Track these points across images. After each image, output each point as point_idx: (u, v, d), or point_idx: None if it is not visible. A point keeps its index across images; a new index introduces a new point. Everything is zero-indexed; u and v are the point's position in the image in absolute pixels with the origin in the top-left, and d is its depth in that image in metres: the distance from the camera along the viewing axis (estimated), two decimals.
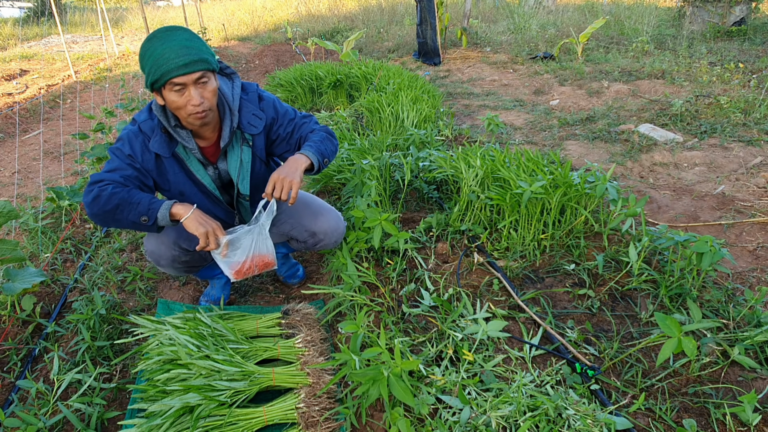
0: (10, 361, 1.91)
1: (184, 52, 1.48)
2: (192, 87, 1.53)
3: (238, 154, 1.79)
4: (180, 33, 1.51)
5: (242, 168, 1.81)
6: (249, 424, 1.52)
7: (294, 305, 2.04)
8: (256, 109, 1.79)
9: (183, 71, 1.48)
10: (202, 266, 2.11)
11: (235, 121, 1.72)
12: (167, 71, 1.48)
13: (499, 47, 8.66)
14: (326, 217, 2.00)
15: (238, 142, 1.78)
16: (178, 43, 1.48)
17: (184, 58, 1.48)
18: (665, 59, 6.56)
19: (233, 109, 1.71)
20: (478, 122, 4.78)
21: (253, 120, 1.78)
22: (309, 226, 1.99)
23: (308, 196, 2.11)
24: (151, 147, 1.67)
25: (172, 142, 1.69)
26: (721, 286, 2.05)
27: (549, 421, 1.41)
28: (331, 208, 2.06)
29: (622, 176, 3.44)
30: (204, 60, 1.52)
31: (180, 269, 2.00)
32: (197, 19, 13.03)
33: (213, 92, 1.59)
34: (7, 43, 12.17)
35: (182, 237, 1.88)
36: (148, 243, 1.92)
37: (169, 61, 1.47)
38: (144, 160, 1.68)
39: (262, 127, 1.79)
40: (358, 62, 5.83)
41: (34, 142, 5.14)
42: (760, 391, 1.51)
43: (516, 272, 2.18)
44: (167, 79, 1.49)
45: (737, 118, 4.21)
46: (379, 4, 13.67)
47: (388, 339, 1.74)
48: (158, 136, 1.67)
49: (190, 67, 1.49)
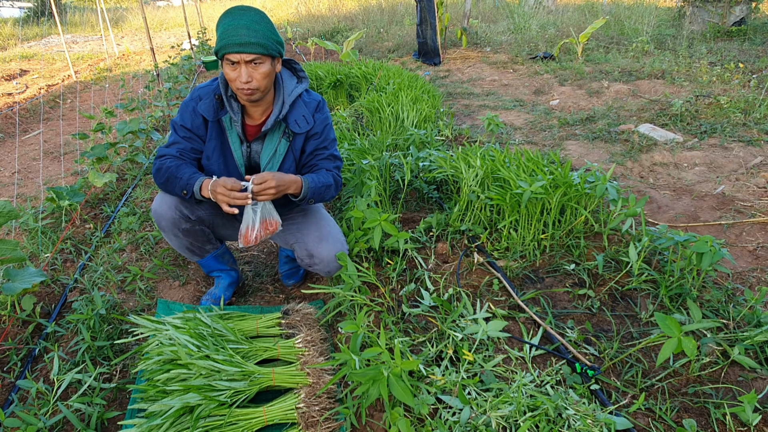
0: (10, 361, 1.91)
1: (245, 33, 1.59)
2: (243, 65, 1.63)
3: (276, 143, 1.87)
4: (250, 14, 1.62)
5: (274, 158, 1.88)
6: (249, 424, 1.52)
7: (294, 305, 2.04)
8: (309, 114, 1.89)
9: (237, 50, 1.60)
10: (206, 249, 2.11)
11: (284, 112, 1.81)
12: (225, 45, 1.60)
13: (499, 47, 8.66)
14: (330, 245, 1.98)
15: (279, 133, 1.87)
16: (244, 22, 1.60)
17: (244, 38, 1.59)
18: (665, 59, 6.56)
19: (286, 102, 1.82)
20: (478, 122, 4.78)
21: (300, 120, 1.87)
22: (310, 247, 1.99)
23: (324, 216, 2.11)
24: (198, 108, 1.83)
25: (221, 110, 1.82)
26: (721, 286, 2.05)
27: (549, 421, 1.41)
28: (339, 239, 2.02)
29: (622, 176, 3.44)
30: (261, 44, 1.62)
31: (182, 242, 2.02)
32: (197, 19, 13.03)
33: (264, 75, 1.68)
34: (7, 43, 12.17)
35: (184, 203, 1.95)
36: (154, 202, 1.99)
37: (231, 37, 1.59)
38: (194, 126, 1.85)
39: (305, 130, 1.88)
40: (358, 62, 5.83)
41: (34, 142, 5.14)
42: (760, 391, 1.51)
43: (516, 272, 2.18)
44: (224, 53, 1.62)
45: (737, 118, 4.21)
46: (379, 4, 13.67)
47: (388, 339, 1.74)
48: (210, 100, 1.82)
49: (245, 47, 1.60)
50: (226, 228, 2.15)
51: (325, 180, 1.91)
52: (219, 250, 2.19)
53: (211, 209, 2.05)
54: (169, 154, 1.85)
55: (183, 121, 1.86)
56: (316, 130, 1.91)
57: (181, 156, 1.85)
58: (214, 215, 2.07)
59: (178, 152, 1.85)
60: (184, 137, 1.87)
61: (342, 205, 2.78)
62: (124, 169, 3.95)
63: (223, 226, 2.13)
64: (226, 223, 2.13)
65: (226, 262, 2.24)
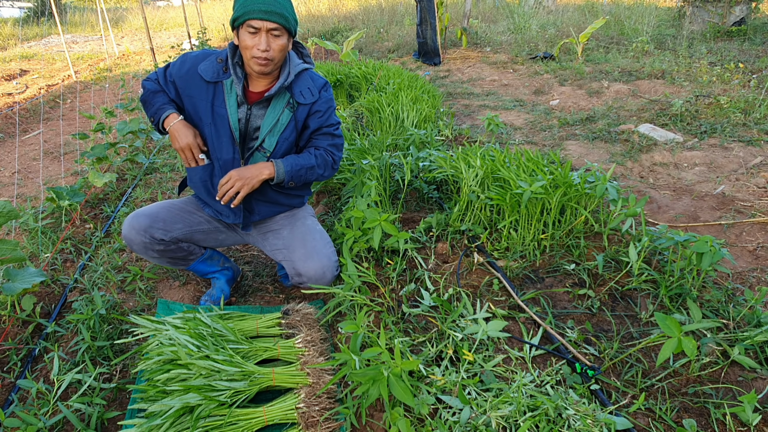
0: (10, 361, 1.91)
1: (270, 2, 1.64)
2: (264, 33, 1.67)
3: (278, 113, 1.87)
4: None
5: (276, 127, 1.88)
6: (249, 424, 1.52)
7: (294, 305, 2.04)
8: (315, 89, 1.91)
9: (261, 16, 1.63)
10: (189, 260, 2.10)
11: (289, 80, 1.83)
12: (249, 11, 1.63)
13: (499, 47, 8.66)
14: (316, 262, 1.95)
15: (283, 103, 1.87)
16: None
17: (268, 5, 1.63)
18: (665, 59, 6.56)
19: (291, 72, 1.84)
20: (478, 122, 4.78)
21: (305, 92, 1.89)
22: (297, 266, 1.97)
23: (310, 230, 2.06)
24: (199, 68, 1.83)
25: (224, 73, 1.82)
26: (721, 286, 2.05)
27: (549, 421, 1.41)
28: (326, 253, 1.99)
29: (622, 176, 3.44)
30: (284, 16, 1.67)
31: (158, 258, 2.02)
32: (197, 19, 13.03)
33: (280, 48, 1.72)
34: (7, 43, 12.17)
35: (155, 226, 1.94)
36: (123, 226, 1.98)
37: (255, 3, 1.63)
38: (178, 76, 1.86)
39: (309, 102, 1.89)
40: (358, 62, 5.83)
41: (34, 142, 5.14)
42: (760, 391, 1.51)
43: (516, 272, 2.18)
44: (246, 19, 1.65)
45: (737, 118, 4.21)
46: (379, 4, 13.67)
47: (388, 339, 1.74)
48: (212, 62, 1.83)
49: (269, 15, 1.64)
50: (208, 242, 2.13)
51: (306, 161, 1.91)
52: (204, 255, 2.16)
53: (189, 227, 2.02)
54: (151, 79, 1.93)
55: (172, 67, 1.89)
56: (320, 108, 1.92)
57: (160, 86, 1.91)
58: (193, 232, 2.04)
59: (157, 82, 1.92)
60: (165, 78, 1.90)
61: (342, 205, 2.78)
62: (124, 169, 3.95)
63: (204, 240, 2.10)
64: (207, 237, 2.10)
65: (216, 263, 2.22)
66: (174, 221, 1.99)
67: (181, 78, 1.85)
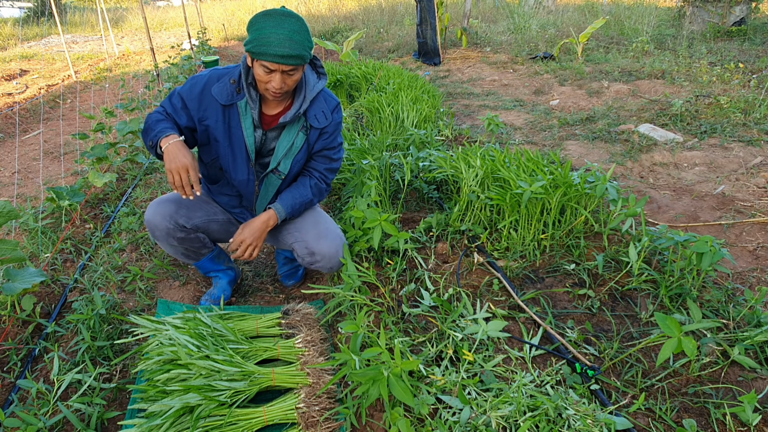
0: (10, 361, 1.90)
1: (286, 44, 1.58)
2: (279, 74, 1.64)
3: (293, 136, 1.89)
4: (291, 23, 1.60)
5: (291, 150, 1.90)
6: (249, 424, 1.52)
7: (294, 305, 2.04)
8: (328, 111, 1.91)
9: (277, 60, 1.59)
10: (201, 253, 2.13)
11: (304, 107, 1.83)
12: (264, 53, 1.59)
13: (499, 47, 8.66)
14: (330, 241, 1.99)
15: (297, 126, 1.88)
16: (285, 32, 1.58)
17: (285, 50, 1.58)
18: (665, 59, 6.56)
19: (307, 97, 1.83)
20: (478, 122, 4.78)
21: (320, 115, 1.89)
22: (310, 245, 2.00)
23: (320, 213, 2.12)
24: (213, 91, 1.79)
25: (237, 94, 1.80)
26: (721, 286, 2.05)
27: (549, 421, 1.41)
28: (338, 234, 2.04)
29: (622, 176, 3.44)
30: (300, 56, 1.62)
31: (177, 249, 2.05)
32: (197, 19, 13.03)
33: (295, 81, 1.72)
34: (7, 43, 12.17)
35: (180, 213, 1.97)
36: (148, 212, 1.99)
37: (271, 46, 1.57)
38: (189, 99, 1.81)
39: (323, 126, 1.90)
40: (358, 62, 5.83)
41: (34, 142, 5.14)
42: (760, 391, 1.51)
43: (516, 272, 2.18)
44: (261, 59, 1.61)
45: (737, 118, 4.21)
46: (379, 4, 13.67)
47: (388, 339, 1.74)
48: (226, 84, 1.79)
49: (285, 59, 1.60)
50: (220, 233, 2.16)
51: (303, 197, 1.98)
52: (213, 252, 2.20)
53: (206, 215, 2.07)
54: (156, 112, 1.86)
55: (181, 91, 1.83)
56: (329, 130, 1.94)
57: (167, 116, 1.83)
58: (210, 221, 2.08)
59: (163, 113, 1.84)
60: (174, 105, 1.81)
61: (342, 205, 2.78)
62: (124, 169, 3.95)
63: (218, 231, 2.14)
64: (221, 228, 2.14)
65: (222, 262, 2.25)
66: (195, 209, 2.03)
67: (193, 100, 1.80)
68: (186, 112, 1.82)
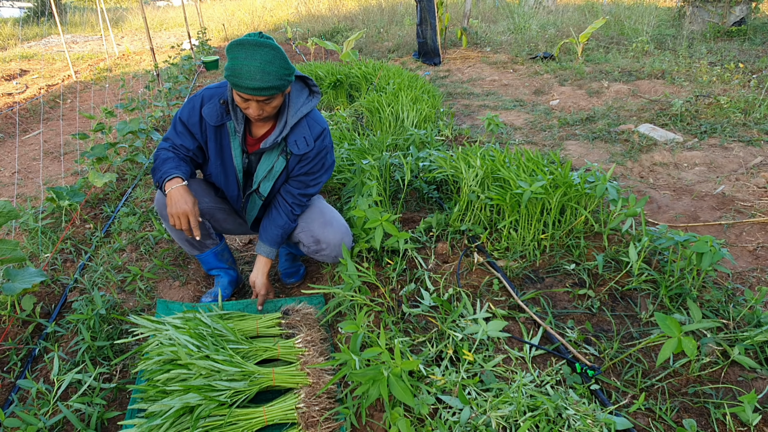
0: (10, 361, 1.90)
1: (258, 77, 1.57)
2: (255, 102, 1.66)
3: (273, 160, 1.91)
4: (263, 53, 1.58)
5: (271, 173, 1.93)
6: (249, 424, 1.52)
7: (294, 305, 2.04)
8: (311, 138, 1.90)
9: (250, 92, 1.60)
10: (206, 245, 2.15)
11: (284, 134, 1.83)
12: (238, 84, 1.59)
13: (499, 47, 8.66)
14: (335, 229, 2.04)
15: (278, 151, 1.90)
16: (257, 64, 1.56)
17: (256, 82, 1.58)
18: (665, 59, 6.56)
19: (288, 123, 1.83)
20: (478, 122, 4.78)
21: (300, 141, 1.88)
22: (316, 233, 2.03)
23: (325, 204, 2.15)
24: (203, 112, 1.84)
25: (227, 115, 1.84)
26: (721, 286, 2.05)
27: (549, 421, 1.41)
28: (343, 223, 2.08)
29: (622, 176, 3.44)
30: (274, 87, 1.62)
31: (183, 235, 2.07)
32: (197, 19, 13.03)
33: (274, 107, 1.73)
34: (7, 43, 12.17)
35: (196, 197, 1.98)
36: (158, 195, 2.03)
37: (243, 78, 1.57)
38: (190, 123, 1.87)
39: (301, 153, 1.89)
40: (358, 62, 5.83)
41: (34, 142, 5.14)
42: (760, 391, 1.51)
43: (516, 272, 2.18)
44: (235, 89, 1.63)
45: (737, 118, 4.21)
46: (379, 4, 13.67)
47: (388, 339, 1.74)
48: (214, 104, 1.83)
49: (258, 91, 1.60)
50: (227, 222, 2.17)
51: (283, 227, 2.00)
52: (218, 246, 2.21)
53: (213, 203, 2.08)
54: (163, 147, 1.91)
55: (182, 115, 1.89)
56: (310, 156, 1.93)
57: (173, 150, 1.90)
58: (215, 209, 2.10)
59: (171, 147, 1.91)
60: (180, 132, 1.90)
61: (342, 205, 2.78)
62: (124, 169, 3.95)
63: (224, 220, 2.16)
64: (228, 217, 2.16)
65: (225, 261, 2.25)
66: (203, 194, 2.05)
67: (194, 125, 1.88)
68: (191, 135, 1.90)
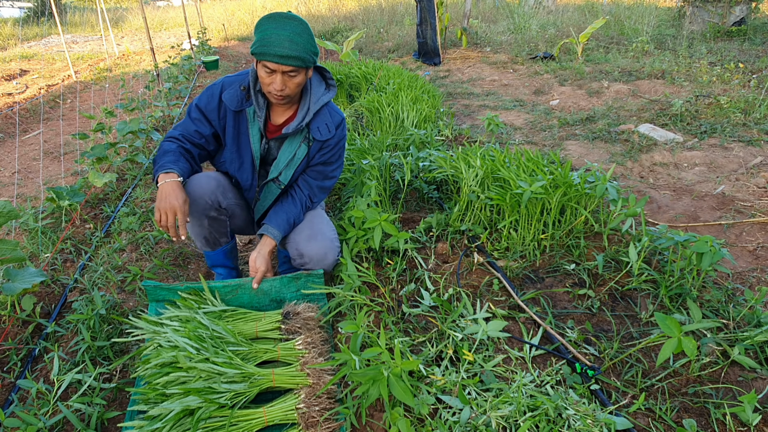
0: (10, 361, 1.90)
1: (286, 45, 1.61)
2: (280, 75, 1.67)
3: (295, 147, 1.92)
4: (293, 25, 1.63)
5: (292, 161, 1.93)
6: (249, 425, 1.51)
7: (294, 306, 2.04)
8: (332, 125, 1.93)
9: (277, 60, 1.62)
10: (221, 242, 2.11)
11: (307, 119, 1.85)
12: (265, 53, 1.62)
13: (499, 47, 8.66)
14: (319, 244, 1.98)
15: (300, 138, 1.91)
16: (287, 34, 1.61)
17: (285, 50, 1.61)
18: (665, 59, 6.56)
19: (311, 110, 1.85)
20: (478, 122, 4.78)
21: (323, 128, 1.91)
22: (300, 246, 2.00)
23: (317, 213, 2.12)
24: (223, 97, 1.85)
25: (247, 101, 1.85)
26: (721, 286, 2.05)
27: (549, 421, 1.41)
28: (329, 237, 2.02)
29: (622, 176, 3.44)
30: (300, 58, 1.64)
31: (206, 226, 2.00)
32: (197, 19, 13.03)
33: (297, 84, 1.73)
34: (7, 43, 12.17)
35: (219, 191, 1.96)
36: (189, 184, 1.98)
37: (272, 46, 1.61)
38: (208, 110, 1.87)
39: (324, 139, 1.92)
40: (358, 62, 5.83)
41: (34, 142, 5.14)
42: (760, 391, 1.51)
43: (516, 272, 2.18)
44: (262, 60, 1.64)
45: (737, 118, 4.21)
46: (379, 4, 13.67)
47: (388, 339, 1.74)
48: (235, 90, 1.84)
49: (285, 60, 1.62)
50: (239, 219, 2.17)
51: (294, 215, 1.97)
52: (229, 245, 2.20)
53: (236, 199, 2.07)
54: (172, 136, 1.89)
55: (199, 102, 1.89)
56: (331, 143, 1.95)
57: (182, 138, 1.88)
58: (236, 205, 2.08)
59: (180, 134, 1.89)
60: (194, 118, 1.89)
61: (342, 205, 2.78)
62: (124, 169, 3.95)
63: (240, 217, 2.15)
64: (242, 214, 2.15)
65: (232, 260, 2.25)
66: (228, 189, 2.03)
67: (212, 111, 1.87)
68: (208, 121, 1.89)
